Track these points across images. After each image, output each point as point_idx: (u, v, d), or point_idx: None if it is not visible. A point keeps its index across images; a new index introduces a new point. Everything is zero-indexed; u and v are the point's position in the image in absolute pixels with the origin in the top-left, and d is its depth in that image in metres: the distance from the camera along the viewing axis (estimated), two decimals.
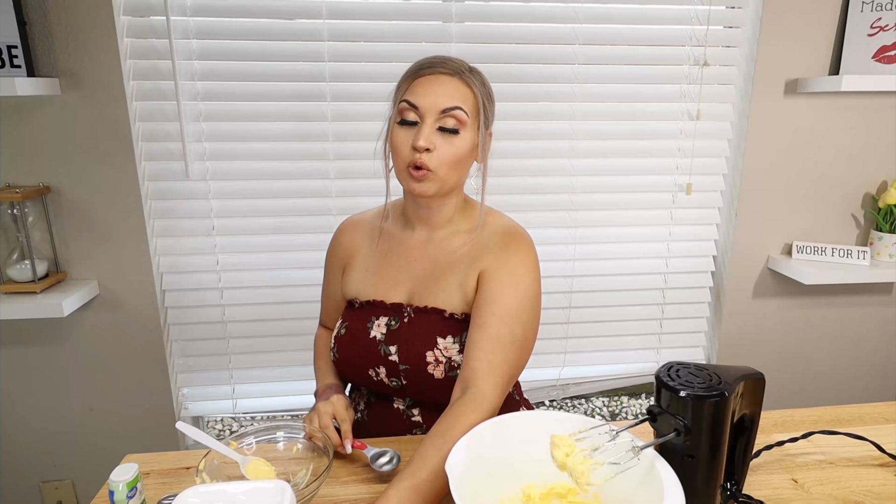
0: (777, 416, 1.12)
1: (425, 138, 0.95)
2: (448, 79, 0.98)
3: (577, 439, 0.74)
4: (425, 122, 0.96)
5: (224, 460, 0.92)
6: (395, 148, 0.99)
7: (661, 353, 1.98)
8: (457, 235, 1.07)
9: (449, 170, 0.98)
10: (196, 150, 1.63)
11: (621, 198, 1.82)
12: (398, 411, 1.09)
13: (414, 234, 1.09)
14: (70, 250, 1.64)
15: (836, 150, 1.82)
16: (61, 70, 1.52)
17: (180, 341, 1.77)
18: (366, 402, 1.14)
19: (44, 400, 1.73)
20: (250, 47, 1.59)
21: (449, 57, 1.02)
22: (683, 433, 0.75)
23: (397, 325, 1.05)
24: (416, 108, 0.97)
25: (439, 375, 1.02)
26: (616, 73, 1.73)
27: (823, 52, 1.73)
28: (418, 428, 1.09)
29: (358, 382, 1.13)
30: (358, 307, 1.10)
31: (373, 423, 1.11)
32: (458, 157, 0.98)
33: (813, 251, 1.83)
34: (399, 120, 0.99)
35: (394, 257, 1.10)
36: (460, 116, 0.97)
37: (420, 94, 0.97)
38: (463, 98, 0.98)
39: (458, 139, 0.98)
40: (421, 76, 0.99)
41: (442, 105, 0.96)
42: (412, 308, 1.06)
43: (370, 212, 1.18)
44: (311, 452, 0.95)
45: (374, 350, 1.06)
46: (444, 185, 1.00)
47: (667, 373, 0.79)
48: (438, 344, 1.02)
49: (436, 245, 1.08)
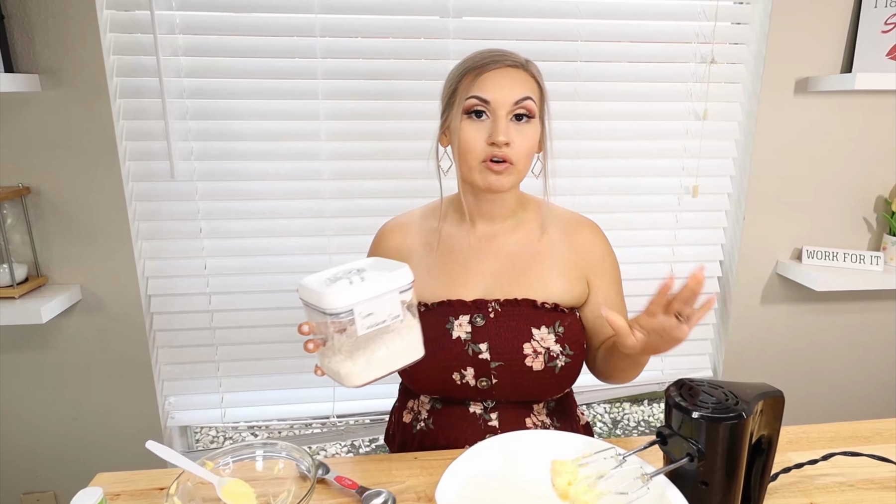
0: (791, 433, 1.06)
1: (504, 132, 0.94)
2: (515, 71, 0.98)
3: (580, 465, 0.68)
4: (498, 115, 0.95)
5: (199, 481, 0.85)
6: (468, 144, 0.97)
7: (665, 360, 1.92)
8: (521, 225, 1.08)
9: (525, 161, 0.99)
10: (182, 150, 1.57)
11: (625, 200, 1.76)
12: (474, 416, 1.04)
13: (475, 231, 1.07)
14: (51, 254, 1.58)
15: (848, 151, 1.75)
16: (41, 66, 1.46)
17: (167, 348, 1.71)
18: (430, 409, 1.08)
19: (24, 409, 1.67)
20: (239, 43, 1.54)
21: (507, 51, 1.01)
22: (697, 458, 0.69)
23: (483, 321, 1.01)
24: (488, 101, 0.95)
25: (539, 367, 1.00)
26: (620, 70, 1.67)
27: (835, 49, 1.67)
28: (492, 433, 1.03)
29: (433, 391, 1.06)
30: (426, 310, 1.05)
31: (441, 432, 1.06)
32: (531, 147, 0.99)
33: (824, 256, 1.77)
34: (467, 115, 0.97)
35: (458, 255, 1.07)
36: (530, 106, 0.97)
37: (490, 88, 0.96)
38: (531, 88, 0.98)
39: (530, 129, 0.98)
40: (486, 70, 0.97)
41: (514, 97, 0.95)
42: (498, 302, 1.03)
43: (413, 213, 1.14)
44: (293, 473, 0.89)
45: (459, 351, 1.01)
46: (520, 176, 1.01)
47: (678, 391, 0.73)
48: (534, 335, 1.00)
49: (504, 238, 1.07)
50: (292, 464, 0.89)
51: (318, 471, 0.92)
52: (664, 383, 1.94)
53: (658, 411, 3.33)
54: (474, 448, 0.75)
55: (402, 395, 1.16)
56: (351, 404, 1.81)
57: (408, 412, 1.12)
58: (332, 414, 1.83)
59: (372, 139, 1.62)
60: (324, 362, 0.80)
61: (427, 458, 1.00)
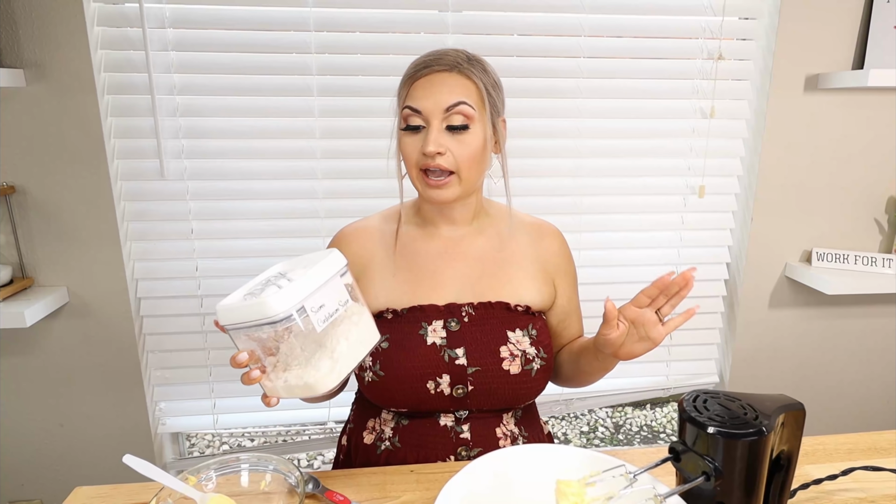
0: (807, 445, 1.01)
1: (434, 142, 0.91)
2: (446, 75, 0.94)
3: (587, 484, 0.62)
4: (431, 124, 0.93)
5: (180, 497, 0.80)
6: (405, 156, 0.96)
7: (670, 366, 1.87)
8: (486, 229, 1.06)
9: (468, 168, 0.95)
10: (172, 148, 1.52)
11: (629, 200, 1.71)
12: (444, 429, 1.00)
13: (439, 233, 1.05)
14: (37, 255, 1.53)
15: (860, 150, 1.70)
16: (26, 60, 1.41)
17: (157, 353, 1.66)
18: (394, 426, 1.02)
19: (10, 415, 1.62)
20: (231, 37, 1.49)
21: (443, 51, 0.97)
22: (713, 477, 0.63)
23: (458, 326, 0.98)
24: (419, 112, 0.93)
25: (516, 370, 0.97)
26: (624, 67, 1.62)
27: (846, 44, 1.62)
28: (464, 446, 0.99)
29: (402, 404, 1.00)
30: (396, 317, 1.00)
31: (409, 449, 1.00)
32: (473, 154, 0.94)
33: (834, 259, 1.72)
34: (404, 126, 0.95)
35: (424, 260, 1.03)
36: (466, 111, 0.93)
37: (420, 97, 0.93)
38: (465, 92, 0.93)
39: (468, 135, 0.93)
40: (418, 78, 0.95)
41: (444, 103, 0.92)
42: (472, 306, 1.00)
43: (372, 218, 1.10)
44: (280, 488, 0.84)
45: (435, 357, 0.97)
46: (468, 185, 0.96)
47: (692, 404, 0.68)
48: (510, 338, 0.99)
49: (469, 242, 1.05)
50: (280, 478, 0.84)
51: (308, 485, 0.87)
52: (669, 389, 1.89)
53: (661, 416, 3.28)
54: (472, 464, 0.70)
55: (360, 414, 1.09)
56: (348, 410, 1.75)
57: (369, 432, 1.05)
58: (328, 419, 1.78)
59: (368, 137, 1.57)
60: (277, 384, 0.72)
61: (423, 471, 0.95)
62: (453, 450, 1.00)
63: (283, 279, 0.69)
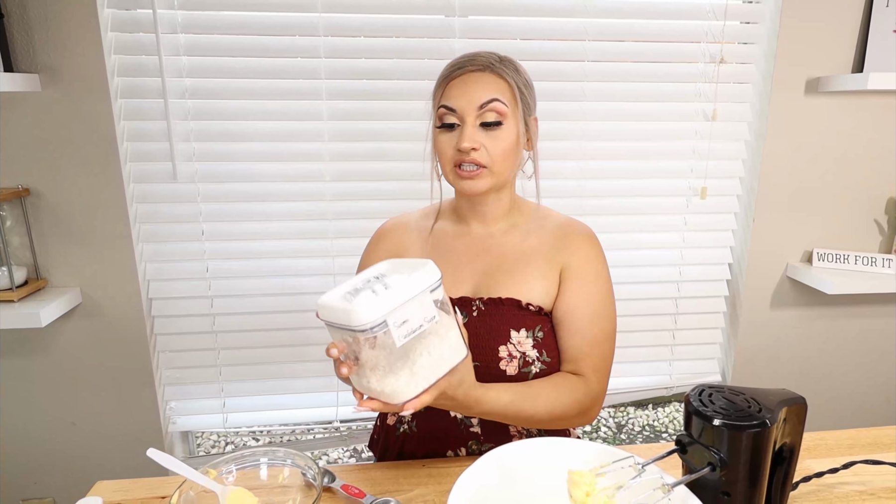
0: (808, 440, 1.03)
1: (468, 138, 0.95)
2: (479, 75, 0.97)
3: (598, 474, 0.65)
4: (466, 122, 0.96)
5: (201, 490, 0.82)
6: (440, 153, 0.99)
7: (673, 365, 1.89)
8: (516, 227, 1.07)
9: (502, 163, 0.98)
10: (184, 151, 1.55)
11: (632, 202, 1.73)
12: (455, 421, 1.03)
13: (470, 231, 1.08)
14: (50, 256, 1.55)
15: (860, 153, 1.73)
16: (41, 65, 1.44)
17: (167, 352, 1.68)
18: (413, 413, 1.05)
19: (23, 414, 1.64)
20: (242, 42, 1.52)
21: (477, 53, 1.00)
22: (719, 467, 0.66)
23: (465, 319, 1.01)
24: (454, 110, 0.96)
25: (512, 371, 0.98)
26: (628, 70, 1.64)
27: (846, 48, 1.65)
28: (475, 440, 1.02)
29: None
30: None
31: (424, 436, 1.04)
32: (506, 150, 0.97)
33: (835, 259, 1.74)
34: (439, 125, 0.99)
35: (451, 255, 1.06)
36: (499, 108, 0.96)
37: (454, 96, 0.97)
38: (498, 89, 0.97)
39: (502, 132, 0.97)
40: (452, 79, 0.98)
41: (478, 101, 0.95)
42: (482, 301, 1.02)
43: (412, 213, 1.15)
44: (298, 481, 0.86)
45: None
46: (499, 178, 0.99)
47: (698, 397, 0.70)
48: (512, 338, 0.99)
49: (497, 239, 1.07)
50: (297, 472, 0.87)
51: (324, 479, 0.89)
52: (672, 388, 1.91)
53: (663, 416, 3.29)
54: (485, 457, 0.72)
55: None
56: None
57: (392, 414, 1.09)
58: (335, 419, 1.80)
59: (376, 140, 1.60)
60: (361, 383, 0.74)
61: (435, 465, 0.97)
62: (464, 442, 1.02)
63: (379, 283, 0.69)
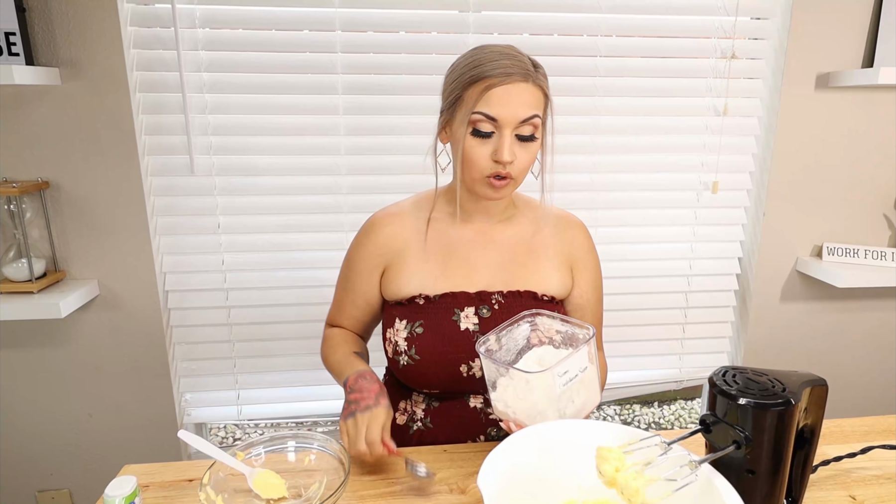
0: (825, 427, 1.02)
1: (510, 152, 0.94)
2: (524, 86, 0.94)
3: (626, 451, 0.66)
4: (504, 133, 0.94)
5: (230, 472, 0.84)
6: (472, 160, 0.96)
7: (683, 359, 1.90)
8: (513, 219, 1.09)
9: (525, 173, 1.00)
10: (202, 144, 1.56)
11: (644, 196, 1.74)
12: (474, 410, 1.04)
13: (473, 224, 1.08)
14: (69, 248, 1.57)
15: (870, 147, 1.74)
16: (62, 59, 1.45)
17: (183, 344, 1.69)
18: (426, 408, 1.07)
19: (41, 405, 1.66)
20: (259, 37, 1.53)
21: (516, 55, 0.96)
22: (744, 445, 0.67)
23: (490, 313, 1.02)
24: (494, 119, 0.93)
25: None
26: (640, 65, 1.66)
27: (857, 43, 1.66)
28: (494, 426, 1.04)
29: (436, 385, 1.05)
30: (428, 302, 1.04)
31: (441, 430, 1.05)
32: (532, 160, 0.99)
33: (845, 253, 1.75)
34: (472, 131, 0.95)
35: (455, 248, 1.06)
36: (536, 123, 0.96)
37: (498, 105, 0.93)
38: (537, 104, 0.96)
39: (533, 144, 0.97)
40: (495, 85, 0.92)
41: (521, 115, 0.94)
42: (501, 294, 1.03)
43: (403, 203, 1.13)
44: (324, 464, 0.88)
45: (468, 343, 1.01)
46: (517, 185, 1.02)
47: (722, 378, 0.71)
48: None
49: (499, 232, 1.08)
50: (325, 455, 0.89)
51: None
52: (681, 381, 1.92)
53: (668, 413, 3.30)
54: (513, 436, 0.74)
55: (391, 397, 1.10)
56: None
57: (400, 414, 1.09)
58: None
59: (391, 134, 1.61)
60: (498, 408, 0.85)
61: (456, 450, 0.99)
62: (483, 430, 1.04)
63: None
